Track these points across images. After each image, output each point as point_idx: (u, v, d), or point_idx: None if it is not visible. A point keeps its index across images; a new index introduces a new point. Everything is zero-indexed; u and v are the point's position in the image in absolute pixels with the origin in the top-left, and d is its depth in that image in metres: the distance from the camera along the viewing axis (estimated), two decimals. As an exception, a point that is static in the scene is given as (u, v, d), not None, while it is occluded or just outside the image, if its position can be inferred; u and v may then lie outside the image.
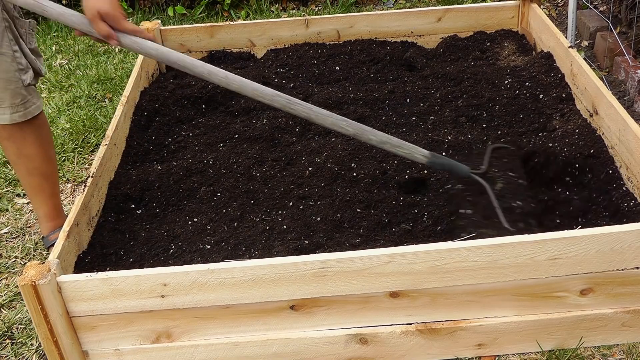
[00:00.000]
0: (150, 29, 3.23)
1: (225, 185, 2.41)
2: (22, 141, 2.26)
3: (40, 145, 2.30)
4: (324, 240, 2.09)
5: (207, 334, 1.89)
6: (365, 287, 1.80)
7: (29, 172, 2.33)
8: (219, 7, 4.55)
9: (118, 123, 2.57)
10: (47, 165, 2.36)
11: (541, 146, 2.38)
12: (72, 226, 2.05)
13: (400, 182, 2.32)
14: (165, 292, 1.80)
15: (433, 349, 1.91)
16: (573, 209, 2.13)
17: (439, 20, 3.28)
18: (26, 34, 2.20)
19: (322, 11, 4.50)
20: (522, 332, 1.89)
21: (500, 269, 1.78)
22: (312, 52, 3.27)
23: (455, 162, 2.13)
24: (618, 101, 2.33)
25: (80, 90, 3.59)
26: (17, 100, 2.17)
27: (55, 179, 2.42)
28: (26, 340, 2.15)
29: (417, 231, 2.11)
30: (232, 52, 3.37)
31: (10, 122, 2.19)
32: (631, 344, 1.93)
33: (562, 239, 1.75)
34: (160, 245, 2.19)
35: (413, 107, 2.79)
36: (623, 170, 2.27)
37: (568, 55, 2.71)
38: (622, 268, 1.79)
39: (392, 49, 3.24)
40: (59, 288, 1.78)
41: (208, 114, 2.92)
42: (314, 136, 2.67)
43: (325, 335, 1.88)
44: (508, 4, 3.26)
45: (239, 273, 1.77)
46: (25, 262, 2.48)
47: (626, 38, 3.43)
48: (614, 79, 3.28)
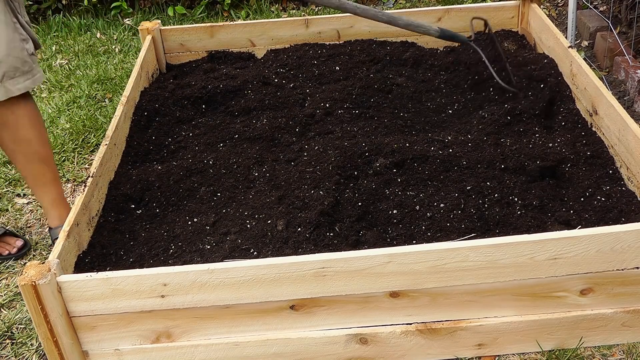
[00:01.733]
0: (150, 29, 3.23)
1: (225, 185, 2.42)
2: (16, 125, 2.29)
3: (34, 127, 2.33)
4: (324, 241, 2.09)
5: (207, 334, 1.89)
6: (365, 287, 1.80)
7: (27, 159, 2.36)
8: (219, 7, 4.55)
9: (118, 123, 2.57)
10: (44, 148, 2.39)
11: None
12: (72, 226, 2.05)
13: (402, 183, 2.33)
14: (165, 292, 1.80)
15: (433, 349, 1.91)
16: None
17: (439, 20, 3.28)
18: (20, 7, 2.27)
19: (322, 11, 4.51)
20: (522, 332, 1.89)
21: (500, 269, 1.78)
22: (312, 52, 3.27)
23: (458, 34, 2.83)
24: (618, 101, 2.33)
25: (80, 90, 3.60)
26: (26, 67, 2.26)
27: (53, 163, 2.45)
28: (26, 340, 2.15)
29: (416, 233, 2.12)
30: (232, 52, 3.37)
31: (24, 90, 2.26)
32: (631, 344, 1.93)
33: (562, 239, 1.75)
34: (160, 245, 2.19)
35: (415, 106, 2.79)
36: (623, 170, 2.27)
37: (568, 55, 2.71)
38: (622, 268, 1.79)
39: (392, 49, 3.24)
40: (59, 288, 1.78)
41: (208, 114, 2.91)
42: (315, 136, 2.67)
43: (325, 335, 1.88)
44: (508, 4, 3.26)
45: (239, 273, 1.77)
46: (25, 262, 2.48)
47: (626, 38, 3.43)
48: (614, 79, 3.28)
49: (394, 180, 2.33)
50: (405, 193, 2.28)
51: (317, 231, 2.10)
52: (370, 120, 2.71)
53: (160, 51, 3.28)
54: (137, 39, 4.23)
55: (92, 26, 4.45)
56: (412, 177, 2.33)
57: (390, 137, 2.53)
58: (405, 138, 2.49)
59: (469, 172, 2.31)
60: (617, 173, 2.29)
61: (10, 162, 3.02)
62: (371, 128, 2.64)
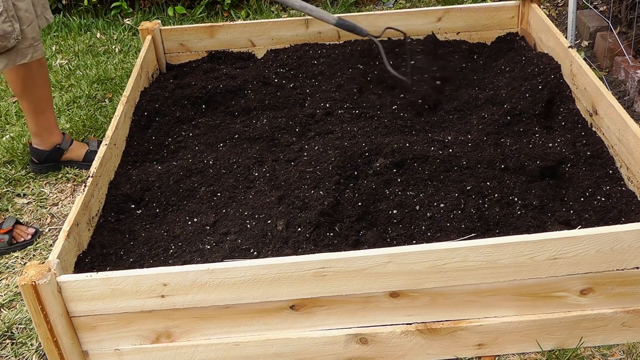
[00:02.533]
0: (150, 29, 3.23)
1: (225, 185, 2.42)
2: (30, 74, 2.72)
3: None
4: (324, 241, 2.09)
5: (207, 334, 1.89)
6: (365, 287, 1.80)
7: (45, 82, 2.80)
8: (219, 7, 4.55)
9: (118, 123, 2.57)
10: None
11: None
12: (72, 226, 2.05)
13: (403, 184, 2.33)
14: (165, 292, 1.80)
15: (433, 349, 1.91)
16: None
17: (439, 20, 3.28)
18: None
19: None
20: (522, 332, 1.89)
21: (500, 269, 1.78)
22: (312, 52, 3.26)
23: (357, 25, 2.79)
24: (618, 101, 2.33)
25: (80, 90, 3.59)
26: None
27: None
28: (26, 340, 2.15)
29: (414, 233, 2.11)
30: (232, 52, 3.37)
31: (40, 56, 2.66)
32: (631, 344, 1.93)
33: (562, 239, 1.75)
34: (160, 245, 2.19)
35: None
36: (623, 170, 2.27)
37: (568, 55, 2.71)
38: (622, 268, 1.79)
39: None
40: (59, 288, 1.78)
41: (208, 114, 2.92)
42: (315, 136, 2.67)
43: (325, 335, 1.88)
44: (508, 4, 3.26)
45: (239, 273, 1.78)
46: (25, 262, 2.48)
47: (626, 38, 3.43)
48: (614, 79, 3.28)
49: (394, 180, 2.33)
50: (405, 193, 2.28)
51: (317, 231, 2.10)
52: (370, 120, 2.71)
53: (160, 51, 3.28)
54: (137, 39, 4.23)
55: (92, 26, 4.45)
56: (412, 177, 2.33)
57: (390, 137, 2.53)
58: (405, 138, 2.49)
59: (469, 172, 2.31)
60: (617, 173, 2.29)
61: (11, 162, 3.03)
62: (371, 128, 2.64)
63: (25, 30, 2.53)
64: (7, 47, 2.48)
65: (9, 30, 2.44)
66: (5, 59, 2.52)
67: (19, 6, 2.49)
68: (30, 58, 2.59)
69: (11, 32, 2.45)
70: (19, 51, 2.54)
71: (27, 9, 2.53)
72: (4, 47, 2.47)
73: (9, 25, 2.44)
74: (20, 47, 2.54)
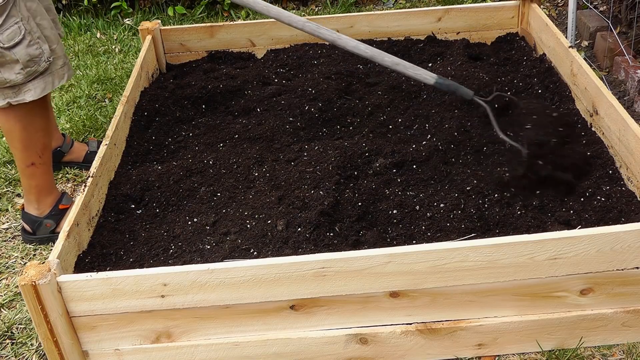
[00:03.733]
0: (150, 29, 3.23)
1: (225, 185, 2.41)
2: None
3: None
4: (324, 241, 2.09)
5: (207, 334, 1.89)
6: (365, 287, 1.80)
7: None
8: (219, 7, 4.55)
9: (118, 123, 2.57)
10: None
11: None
12: (72, 226, 2.05)
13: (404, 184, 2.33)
14: (165, 292, 1.80)
15: (433, 349, 1.91)
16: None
17: (439, 20, 3.28)
18: None
19: (322, 11, 4.51)
20: (522, 332, 1.89)
21: (500, 269, 1.78)
22: (312, 52, 3.27)
23: (460, 85, 2.32)
24: (618, 101, 2.33)
25: (80, 90, 3.59)
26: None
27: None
28: (26, 340, 2.15)
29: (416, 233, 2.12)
30: (232, 52, 3.37)
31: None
32: (631, 344, 1.93)
33: (562, 239, 1.75)
34: (160, 245, 2.19)
35: (417, 106, 2.79)
36: (623, 170, 2.27)
37: (568, 55, 2.71)
38: (622, 268, 1.79)
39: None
40: (59, 288, 1.78)
41: (208, 114, 2.92)
42: (315, 136, 2.66)
43: (325, 335, 1.88)
44: (508, 4, 3.26)
45: (239, 273, 1.78)
46: (25, 262, 2.48)
47: (626, 38, 3.43)
48: (614, 79, 3.29)
49: (394, 180, 2.33)
50: (405, 193, 2.28)
51: (317, 231, 2.10)
52: (374, 117, 2.70)
53: (160, 51, 3.28)
54: (137, 39, 4.23)
55: (92, 26, 4.45)
56: (412, 177, 2.33)
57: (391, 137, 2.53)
58: (406, 138, 2.49)
59: (469, 172, 2.31)
60: (617, 173, 2.29)
61: (10, 162, 3.03)
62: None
63: (56, 49, 2.33)
64: (38, 71, 2.27)
65: (37, 53, 2.24)
66: (43, 83, 2.31)
67: (44, 25, 2.29)
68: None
69: (40, 54, 2.25)
70: (54, 73, 2.35)
71: (51, 27, 2.32)
72: (34, 71, 2.26)
73: (35, 48, 2.23)
74: (56, 69, 2.35)
